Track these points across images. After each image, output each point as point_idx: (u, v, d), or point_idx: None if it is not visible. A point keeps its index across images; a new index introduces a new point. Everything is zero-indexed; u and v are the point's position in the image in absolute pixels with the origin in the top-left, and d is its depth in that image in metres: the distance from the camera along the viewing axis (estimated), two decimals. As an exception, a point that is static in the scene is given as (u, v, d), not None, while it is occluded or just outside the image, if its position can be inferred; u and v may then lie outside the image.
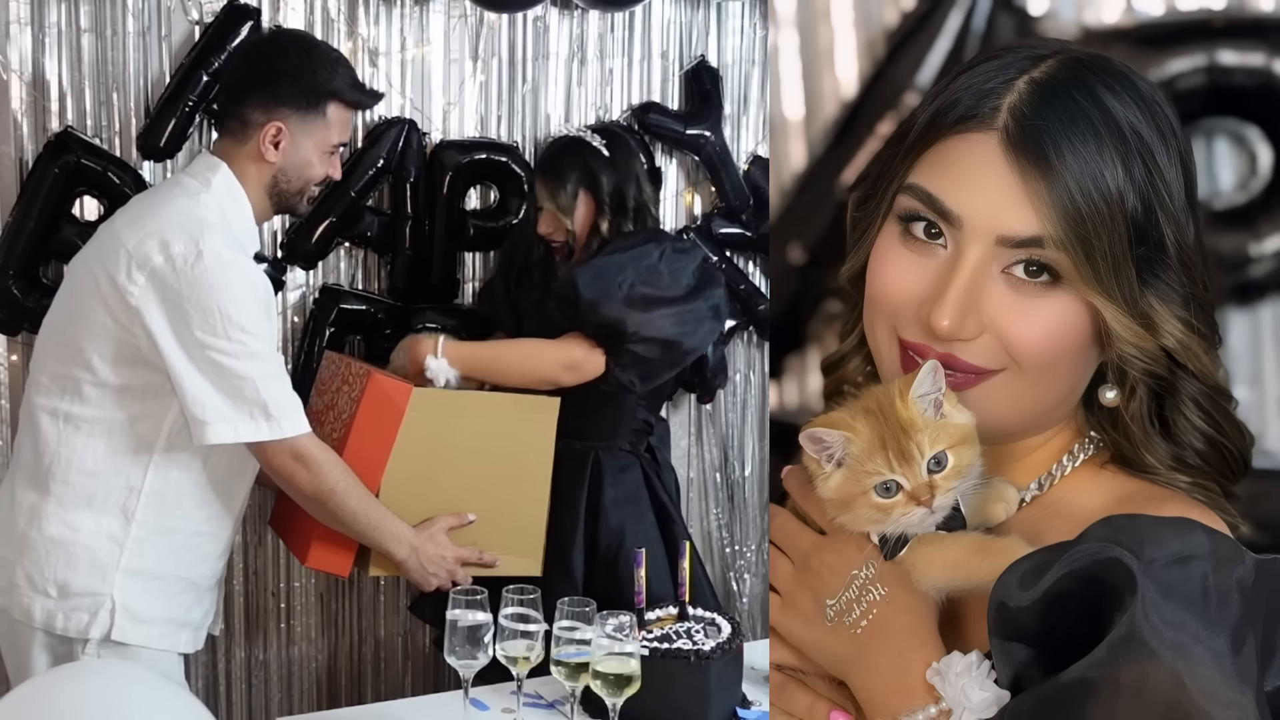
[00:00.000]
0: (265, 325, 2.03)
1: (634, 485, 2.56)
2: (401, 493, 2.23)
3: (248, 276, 2.01)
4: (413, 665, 2.86)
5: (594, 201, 2.50)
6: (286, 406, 2.02)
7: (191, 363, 1.95)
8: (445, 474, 2.28)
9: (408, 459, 2.23)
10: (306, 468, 2.06)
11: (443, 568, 2.22)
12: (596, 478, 2.52)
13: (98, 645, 2.01)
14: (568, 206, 2.49)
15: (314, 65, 2.13)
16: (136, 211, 2.07)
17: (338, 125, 2.17)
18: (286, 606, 2.73)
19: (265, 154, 2.10)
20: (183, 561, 2.09)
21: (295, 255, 2.61)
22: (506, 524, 2.32)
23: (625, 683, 1.72)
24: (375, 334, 2.68)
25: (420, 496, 2.25)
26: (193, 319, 1.94)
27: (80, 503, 2.01)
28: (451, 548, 2.24)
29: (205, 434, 1.97)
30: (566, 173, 2.50)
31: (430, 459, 2.26)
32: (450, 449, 2.28)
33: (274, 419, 2.00)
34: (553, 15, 2.79)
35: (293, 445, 2.03)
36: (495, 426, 2.32)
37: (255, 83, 2.12)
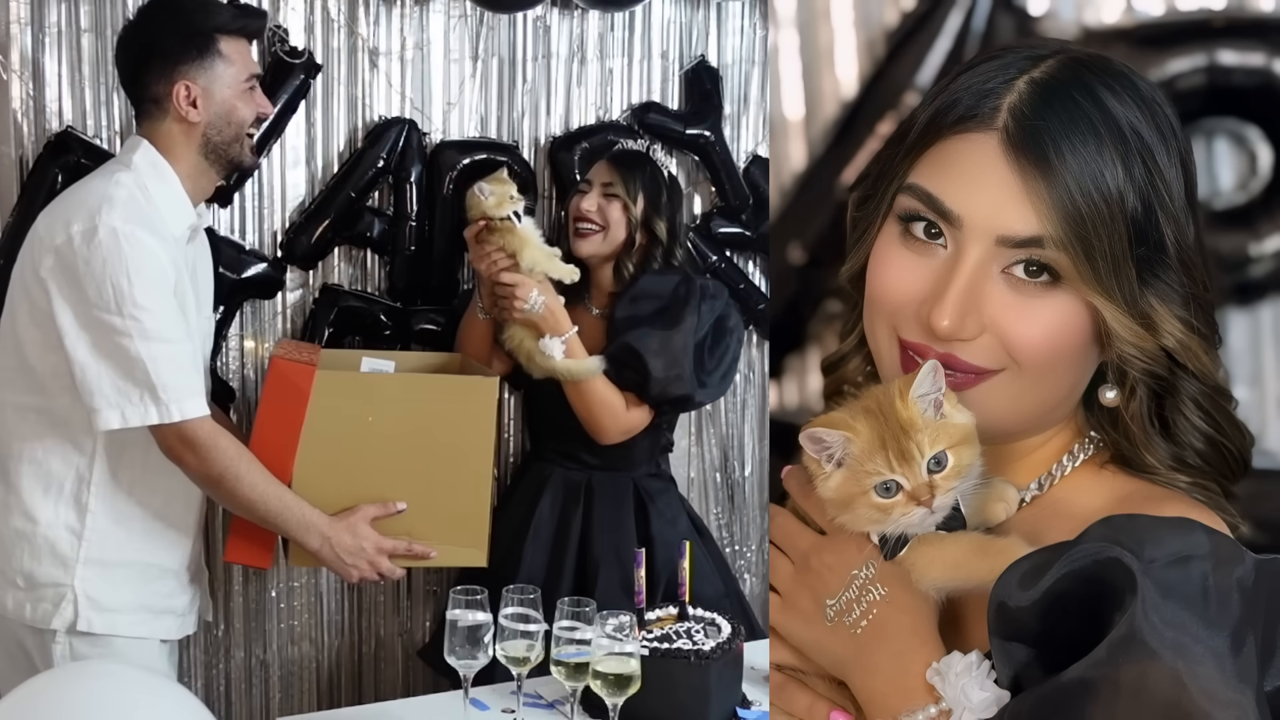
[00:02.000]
0: (163, 303, 1.96)
1: (675, 507, 2.65)
2: (318, 480, 2.14)
3: (146, 251, 1.94)
4: (413, 665, 2.86)
5: (649, 206, 2.52)
6: (178, 389, 1.96)
7: (85, 345, 1.92)
8: (368, 461, 2.19)
9: (321, 445, 2.15)
10: (194, 452, 1.99)
11: (362, 559, 2.14)
12: (641, 506, 2.58)
13: (67, 635, 2.01)
14: (635, 196, 2.52)
15: (185, 13, 2.08)
16: (58, 199, 2.08)
17: (240, 59, 2.11)
18: (286, 606, 2.72)
19: (188, 116, 2.05)
20: (147, 548, 2.08)
21: (295, 255, 2.61)
22: (446, 513, 2.22)
23: (625, 683, 1.72)
24: (375, 334, 2.68)
25: (341, 484, 2.16)
26: (88, 296, 1.91)
27: (36, 493, 2.02)
28: (373, 538, 2.15)
29: (96, 421, 1.94)
30: (637, 171, 2.54)
31: (348, 445, 2.17)
32: (372, 434, 2.18)
33: (163, 403, 1.95)
34: (553, 15, 2.79)
35: (180, 429, 1.97)
36: (426, 410, 2.21)
37: (142, 57, 2.08)
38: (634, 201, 2.51)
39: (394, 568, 2.17)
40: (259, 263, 2.57)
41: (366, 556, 2.14)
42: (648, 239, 2.52)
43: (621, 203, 2.51)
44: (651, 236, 2.52)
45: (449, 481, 2.22)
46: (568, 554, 2.54)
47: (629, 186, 2.51)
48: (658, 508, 2.58)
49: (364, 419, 2.18)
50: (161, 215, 2.02)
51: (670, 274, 2.52)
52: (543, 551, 2.55)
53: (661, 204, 2.53)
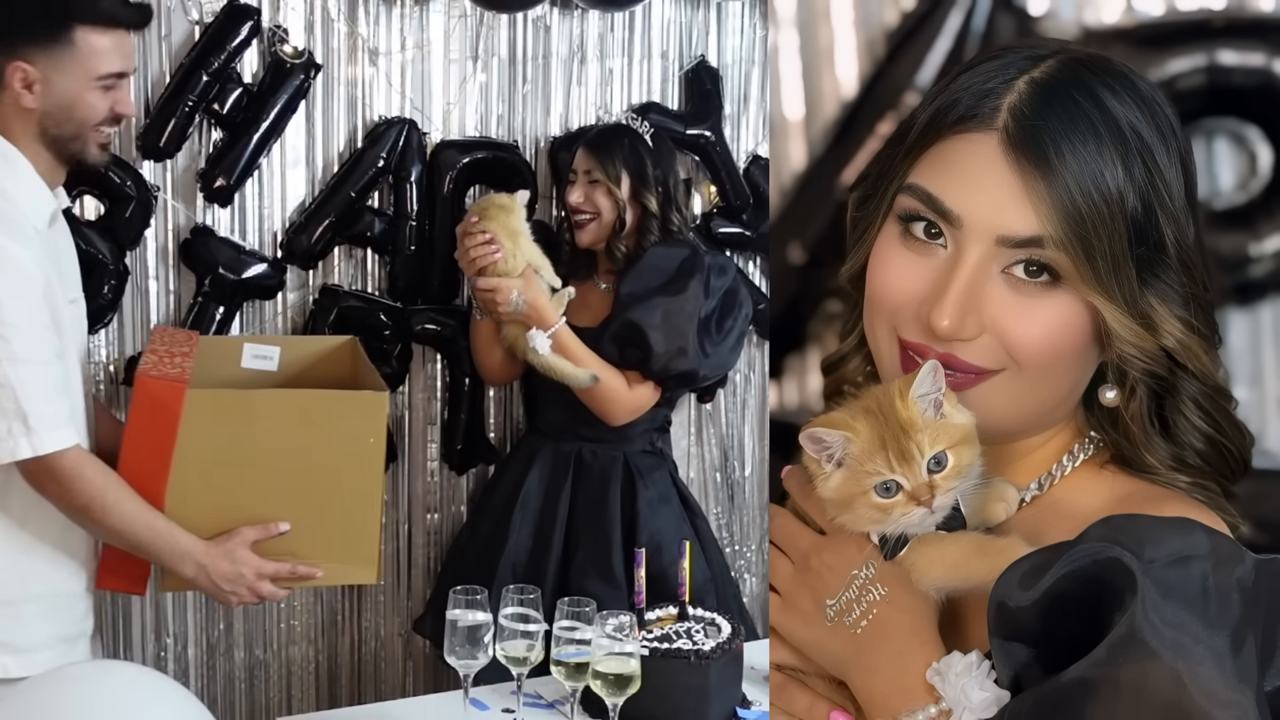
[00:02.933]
0: (33, 317, 1.81)
1: (665, 484, 2.62)
2: (194, 503, 1.99)
3: (9, 261, 1.78)
4: (413, 665, 2.86)
5: (636, 181, 2.53)
6: (47, 418, 1.81)
7: None
8: (247, 480, 2.03)
9: (196, 466, 1.98)
10: (57, 483, 1.85)
11: (241, 585, 1.99)
12: (629, 480, 2.56)
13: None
14: (615, 178, 2.52)
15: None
16: None
17: (100, 52, 1.89)
18: (287, 606, 2.72)
19: (21, 100, 1.86)
20: (55, 576, 1.96)
21: (295, 255, 2.61)
22: (334, 531, 2.08)
23: (625, 683, 1.72)
24: (375, 334, 2.68)
25: (219, 506, 2.01)
26: None
27: None
28: (253, 563, 2.00)
29: None
30: (615, 149, 2.54)
31: (225, 465, 2.01)
32: (251, 453, 2.03)
33: (34, 432, 1.80)
34: (553, 15, 2.79)
35: (43, 461, 1.82)
36: (310, 427, 2.05)
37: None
38: (616, 183, 2.52)
39: (276, 591, 2.04)
40: (259, 263, 2.57)
41: (245, 583, 2.00)
42: (640, 213, 2.54)
43: (604, 187, 2.52)
44: (644, 210, 2.53)
45: (336, 499, 2.08)
46: (555, 528, 2.54)
47: (608, 169, 2.52)
48: (646, 484, 2.57)
49: (245, 438, 2.02)
50: (19, 207, 1.86)
51: (677, 247, 2.53)
52: (529, 524, 2.56)
53: (648, 175, 2.53)
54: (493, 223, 2.42)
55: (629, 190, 2.52)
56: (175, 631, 2.63)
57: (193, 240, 2.53)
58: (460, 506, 2.86)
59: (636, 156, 2.54)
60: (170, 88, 2.46)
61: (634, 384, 2.47)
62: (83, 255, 2.42)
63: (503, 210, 2.45)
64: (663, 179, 2.55)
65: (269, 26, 2.53)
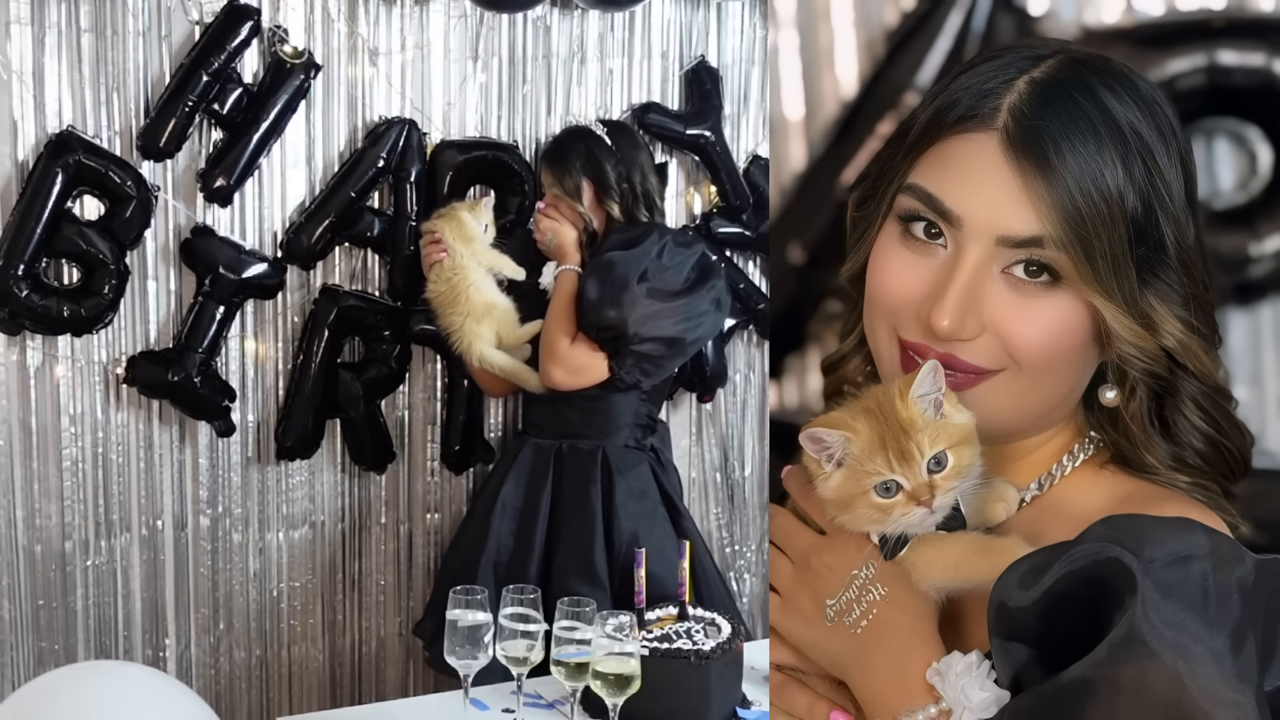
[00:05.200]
0: None
1: (644, 481, 2.59)
2: None
3: None
4: (413, 665, 2.86)
5: (597, 187, 2.52)
6: None
7: None
8: None
9: None
10: None
11: None
12: (607, 476, 2.54)
13: None
14: (574, 191, 2.51)
15: None
16: None
17: None
18: (286, 606, 2.73)
19: None
20: None
21: (295, 255, 2.61)
22: None
23: (625, 683, 1.72)
24: (375, 334, 2.68)
25: None
26: None
27: None
28: None
29: None
30: (571, 159, 2.53)
31: None
32: None
33: None
34: (553, 15, 2.79)
35: None
36: None
37: None
38: (577, 197, 2.52)
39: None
40: (259, 263, 2.57)
41: None
42: (605, 219, 2.55)
43: (565, 203, 2.52)
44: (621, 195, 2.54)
45: None
46: (537, 526, 2.53)
47: (564, 183, 2.53)
48: (625, 479, 2.55)
49: None
50: None
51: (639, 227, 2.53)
52: (510, 522, 2.55)
53: (608, 179, 2.53)
54: (446, 226, 2.49)
55: (590, 200, 2.53)
56: (176, 631, 2.63)
57: (193, 240, 2.54)
58: (460, 506, 2.86)
59: (594, 163, 2.54)
60: (170, 88, 2.47)
61: (576, 343, 2.46)
62: (83, 255, 2.43)
63: (456, 216, 2.51)
64: (626, 175, 2.55)
65: (269, 27, 2.53)
